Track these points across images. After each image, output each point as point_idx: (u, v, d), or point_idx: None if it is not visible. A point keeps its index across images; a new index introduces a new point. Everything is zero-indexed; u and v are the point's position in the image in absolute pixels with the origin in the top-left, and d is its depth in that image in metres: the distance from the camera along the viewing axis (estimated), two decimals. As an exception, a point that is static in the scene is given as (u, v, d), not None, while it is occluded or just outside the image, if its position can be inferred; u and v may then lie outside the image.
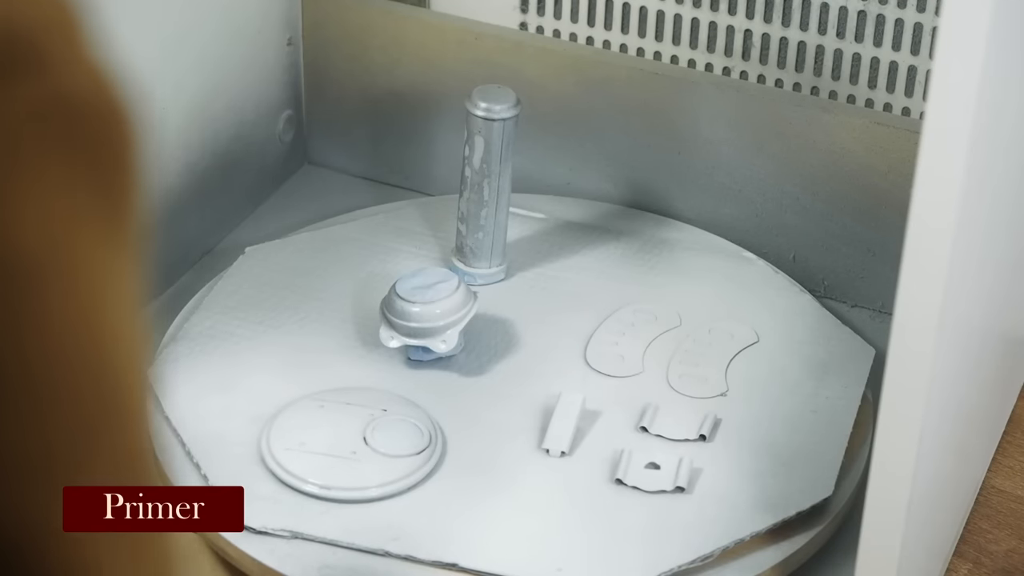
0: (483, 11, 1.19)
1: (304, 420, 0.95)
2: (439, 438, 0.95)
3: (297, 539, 0.90)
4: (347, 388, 0.98)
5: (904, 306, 0.73)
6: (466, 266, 1.08)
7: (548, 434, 0.96)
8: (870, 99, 1.12)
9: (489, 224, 1.08)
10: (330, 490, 0.92)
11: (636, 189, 1.16)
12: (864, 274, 1.12)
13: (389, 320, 0.99)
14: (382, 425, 0.95)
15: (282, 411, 0.96)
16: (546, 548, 0.90)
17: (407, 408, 0.97)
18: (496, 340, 1.03)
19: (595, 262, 1.11)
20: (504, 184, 1.07)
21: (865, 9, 1.09)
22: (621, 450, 0.95)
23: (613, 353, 1.03)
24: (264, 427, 0.95)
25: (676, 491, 0.93)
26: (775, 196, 1.12)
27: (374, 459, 0.93)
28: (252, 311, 1.04)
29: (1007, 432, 1.07)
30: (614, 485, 0.94)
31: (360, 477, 0.92)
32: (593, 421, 0.98)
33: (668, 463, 0.94)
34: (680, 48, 1.16)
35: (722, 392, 1.00)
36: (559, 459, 0.95)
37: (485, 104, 1.05)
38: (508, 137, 1.05)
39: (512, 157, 1.06)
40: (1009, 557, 0.98)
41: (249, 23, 1.17)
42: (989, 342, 0.94)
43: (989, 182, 0.76)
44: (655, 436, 0.97)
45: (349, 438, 0.94)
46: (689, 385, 1.01)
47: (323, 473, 0.92)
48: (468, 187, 1.07)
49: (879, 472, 0.78)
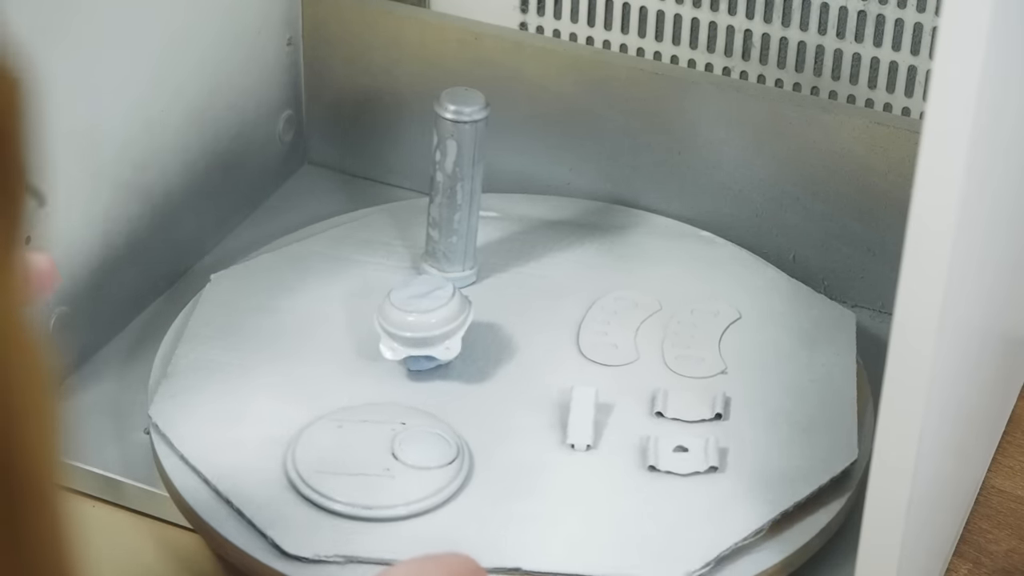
0: (483, 11, 1.19)
1: (327, 442, 0.94)
2: (465, 446, 0.95)
3: (351, 563, 0.88)
4: (359, 406, 0.97)
5: (904, 306, 0.73)
6: (439, 271, 1.08)
7: (570, 430, 0.96)
8: (870, 99, 1.12)
9: (463, 228, 1.07)
10: (373, 509, 0.90)
11: (636, 189, 1.16)
12: (864, 274, 1.12)
13: (388, 332, 0.98)
14: (407, 439, 0.94)
15: (301, 436, 0.94)
16: (602, 542, 0.90)
17: (426, 420, 0.96)
18: (487, 342, 1.03)
19: (562, 255, 1.11)
20: (476, 187, 1.06)
21: (865, 9, 1.09)
22: (646, 437, 0.96)
23: (605, 343, 1.04)
24: (286, 453, 0.93)
25: (710, 471, 0.94)
26: (775, 196, 1.12)
27: (409, 474, 0.92)
28: (234, 339, 1.02)
29: (1007, 432, 1.07)
30: (647, 472, 0.94)
31: (401, 493, 0.91)
32: (607, 412, 0.98)
33: (695, 444, 0.96)
34: (680, 48, 1.16)
35: (722, 370, 1.02)
36: (586, 453, 0.96)
37: (456, 107, 1.04)
38: (480, 139, 1.04)
39: (483, 159, 1.06)
40: (1009, 557, 0.98)
41: (249, 23, 1.17)
42: (989, 342, 0.94)
43: (989, 182, 0.76)
44: (672, 420, 0.98)
45: (378, 455, 0.93)
46: (688, 366, 1.02)
47: (363, 493, 0.91)
48: (440, 192, 1.06)
49: (879, 472, 0.78)
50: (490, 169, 1.13)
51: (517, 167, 1.19)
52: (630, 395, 1.00)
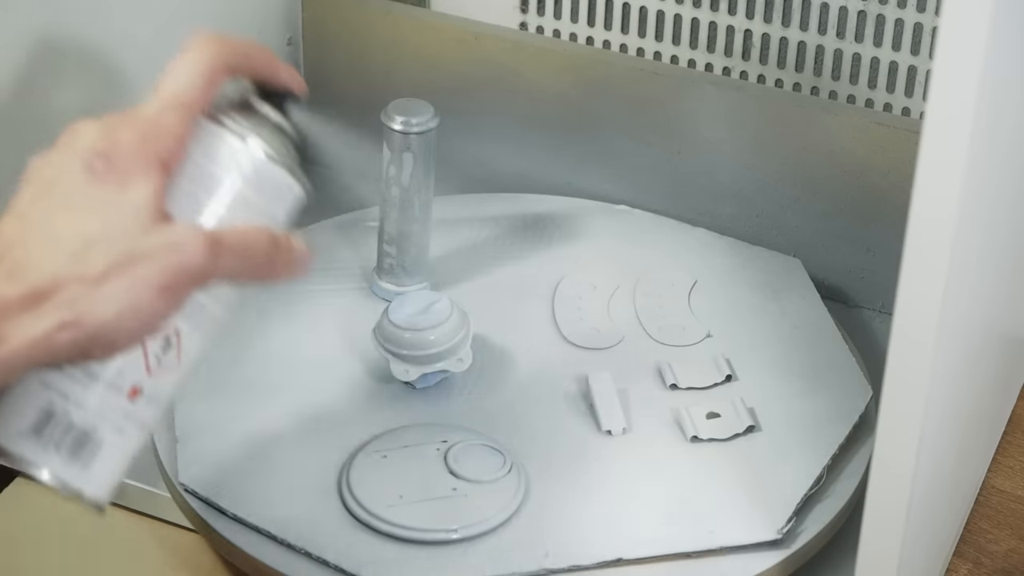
0: (483, 11, 1.19)
1: (380, 475, 0.92)
2: (510, 452, 0.95)
3: None
4: (388, 433, 0.96)
5: (904, 306, 0.73)
6: (396, 286, 1.06)
7: (602, 417, 0.97)
8: (870, 99, 1.12)
9: (422, 240, 1.06)
10: (458, 531, 0.90)
11: (636, 189, 1.16)
12: (864, 274, 1.12)
13: (398, 355, 0.98)
14: (459, 457, 0.93)
15: (350, 474, 0.92)
16: (679, 517, 0.91)
17: (465, 434, 0.95)
18: (474, 349, 1.01)
19: (503, 251, 1.12)
20: (431, 197, 1.05)
21: (865, 9, 1.09)
22: (676, 409, 0.98)
23: (587, 328, 1.05)
24: (344, 494, 0.92)
25: (748, 431, 0.96)
26: (775, 196, 1.12)
27: (476, 489, 0.92)
28: (228, 392, 0.99)
29: (1007, 432, 1.07)
30: (690, 444, 0.96)
31: (479, 509, 0.91)
32: (624, 394, 0.99)
33: (724, 409, 0.98)
34: (680, 48, 1.16)
35: (708, 334, 1.04)
36: (623, 436, 0.97)
37: (412, 119, 1.02)
38: (433, 148, 1.04)
39: (434, 169, 1.05)
40: (1009, 557, 0.98)
41: (249, 23, 1.17)
42: (989, 342, 0.94)
43: (989, 182, 0.76)
44: (686, 389, 1.00)
45: (438, 477, 0.92)
46: (675, 336, 1.04)
47: (446, 516, 0.90)
48: (397, 206, 1.05)
49: (879, 472, 0.78)
50: (490, 170, 1.13)
51: (517, 167, 1.19)
52: (635, 373, 1.01)
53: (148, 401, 0.73)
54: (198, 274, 0.69)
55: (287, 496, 0.92)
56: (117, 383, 0.71)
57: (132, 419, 0.72)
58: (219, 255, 0.69)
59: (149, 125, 0.70)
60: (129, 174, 0.69)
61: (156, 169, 0.69)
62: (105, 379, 0.71)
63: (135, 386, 0.72)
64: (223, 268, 0.70)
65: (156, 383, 0.73)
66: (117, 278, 0.66)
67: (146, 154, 0.69)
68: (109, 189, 0.68)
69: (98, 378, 0.71)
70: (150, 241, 0.68)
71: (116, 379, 0.71)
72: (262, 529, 0.90)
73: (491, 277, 1.10)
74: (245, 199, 0.74)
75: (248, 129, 0.74)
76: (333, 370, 1.01)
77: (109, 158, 0.68)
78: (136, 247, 0.67)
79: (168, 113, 0.71)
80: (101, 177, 0.68)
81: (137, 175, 0.69)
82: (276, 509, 0.91)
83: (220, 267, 0.70)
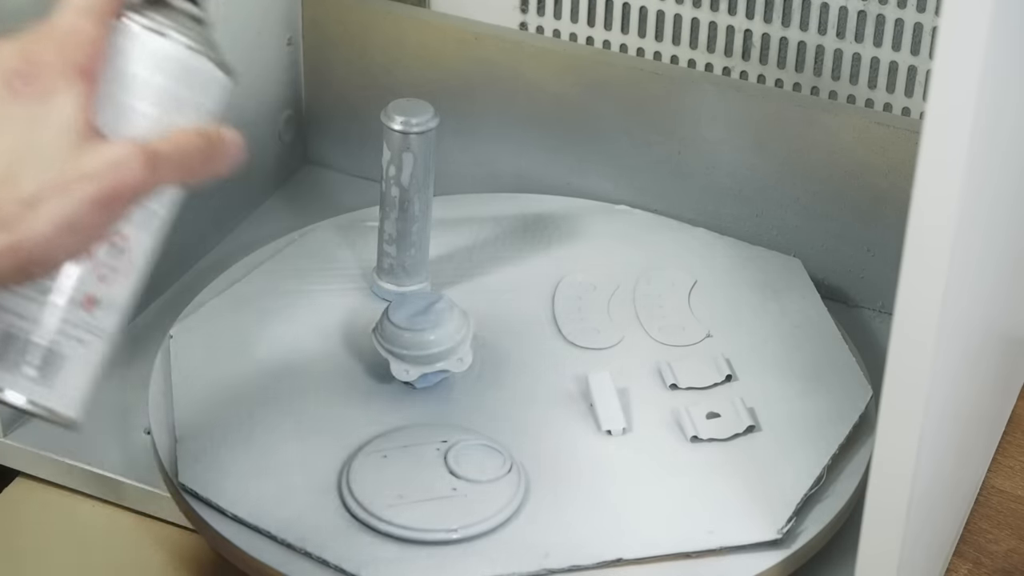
0: (483, 11, 1.19)
1: (381, 475, 0.92)
2: (510, 452, 0.95)
3: None
4: (388, 433, 0.96)
5: (904, 306, 0.73)
6: (397, 286, 1.06)
7: (602, 417, 0.97)
8: (870, 99, 1.12)
9: (421, 240, 1.06)
10: (458, 531, 0.90)
11: (636, 189, 1.16)
12: (864, 274, 1.12)
13: (399, 355, 0.98)
14: (459, 457, 0.93)
15: (350, 474, 0.92)
16: (681, 517, 0.91)
17: (465, 434, 0.95)
18: (473, 349, 1.01)
19: (503, 251, 1.12)
20: (431, 197, 1.05)
21: (865, 9, 1.09)
22: (676, 410, 0.98)
23: (587, 328, 1.05)
24: (344, 494, 0.92)
25: (748, 431, 0.96)
26: (775, 196, 1.12)
27: (478, 488, 0.92)
28: (228, 393, 0.99)
29: (1007, 432, 1.07)
30: (690, 444, 0.96)
31: (479, 509, 0.91)
32: (624, 393, 0.99)
33: (724, 409, 0.98)
34: (680, 48, 1.16)
35: (708, 334, 1.04)
36: (623, 436, 0.97)
37: (412, 119, 1.02)
38: (433, 148, 1.03)
39: (434, 168, 1.04)
40: (1009, 557, 0.98)
41: (249, 23, 1.17)
42: (989, 342, 0.94)
43: (989, 182, 0.76)
44: (687, 389, 1.00)
45: (438, 477, 0.92)
46: (674, 336, 1.04)
47: (446, 516, 0.90)
48: (397, 207, 1.05)
49: (879, 472, 0.78)
50: (490, 170, 1.13)
51: (517, 167, 1.19)
52: (635, 373, 1.01)
53: (106, 309, 0.72)
54: (138, 189, 0.68)
55: (287, 496, 0.92)
56: (71, 296, 0.71)
57: (92, 330, 0.72)
58: (157, 167, 0.68)
59: (64, 35, 0.68)
60: (51, 88, 0.67)
61: (78, 79, 0.68)
62: (58, 293, 0.70)
63: (89, 296, 0.71)
64: (162, 178, 0.69)
65: (111, 291, 0.72)
66: (53, 198, 0.65)
67: (65, 65, 0.68)
68: (33, 106, 0.67)
69: (50, 293, 0.70)
70: (87, 161, 0.66)
71: (69, 292, 0.71)
72: (262, 529, 0.90)
73: (491, 277, 1.10)
74: (174, 96, 0.73)
75: (165, 24, 0.73)
76: (333, 370, 1.01)
77: (27, 75, 0.67)
78: (72, 166, 0.66)
79: (81, 20, 0.69)
80: (23, 95, 0.67)
81: (59, 88, 0.67)
82: (276, 509, 0.91)
83: (159, 178, 0.69)
